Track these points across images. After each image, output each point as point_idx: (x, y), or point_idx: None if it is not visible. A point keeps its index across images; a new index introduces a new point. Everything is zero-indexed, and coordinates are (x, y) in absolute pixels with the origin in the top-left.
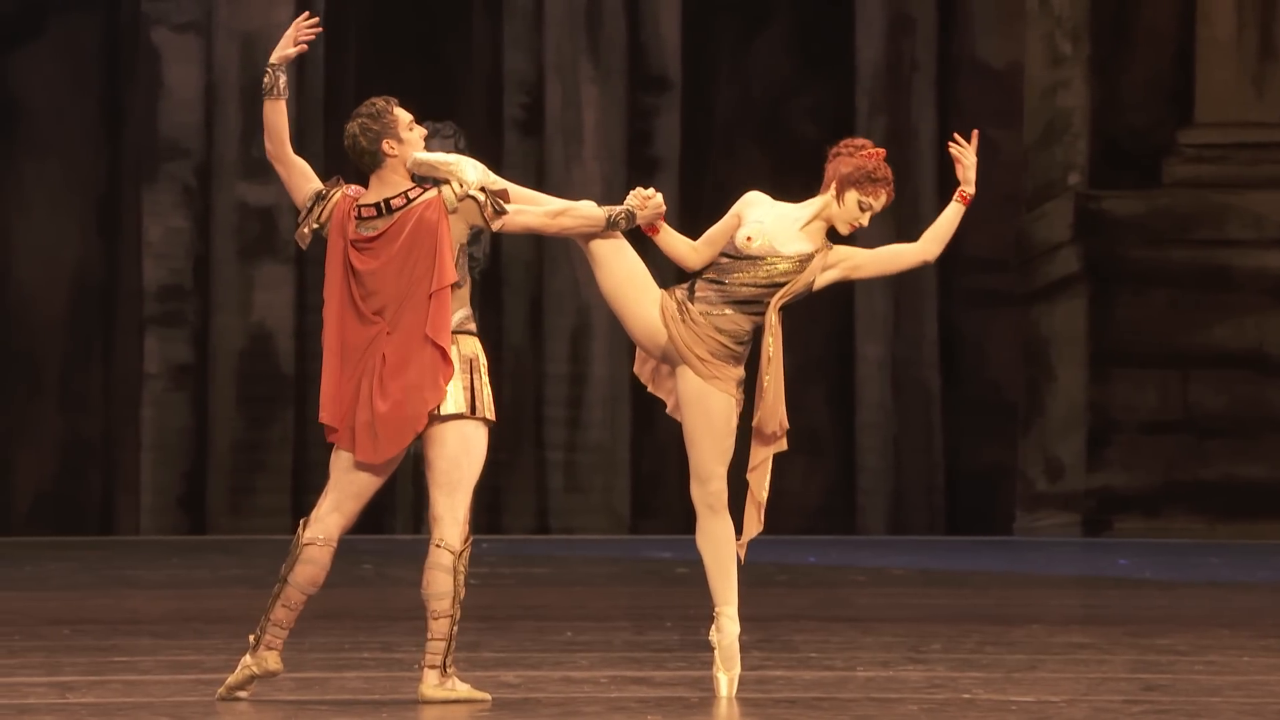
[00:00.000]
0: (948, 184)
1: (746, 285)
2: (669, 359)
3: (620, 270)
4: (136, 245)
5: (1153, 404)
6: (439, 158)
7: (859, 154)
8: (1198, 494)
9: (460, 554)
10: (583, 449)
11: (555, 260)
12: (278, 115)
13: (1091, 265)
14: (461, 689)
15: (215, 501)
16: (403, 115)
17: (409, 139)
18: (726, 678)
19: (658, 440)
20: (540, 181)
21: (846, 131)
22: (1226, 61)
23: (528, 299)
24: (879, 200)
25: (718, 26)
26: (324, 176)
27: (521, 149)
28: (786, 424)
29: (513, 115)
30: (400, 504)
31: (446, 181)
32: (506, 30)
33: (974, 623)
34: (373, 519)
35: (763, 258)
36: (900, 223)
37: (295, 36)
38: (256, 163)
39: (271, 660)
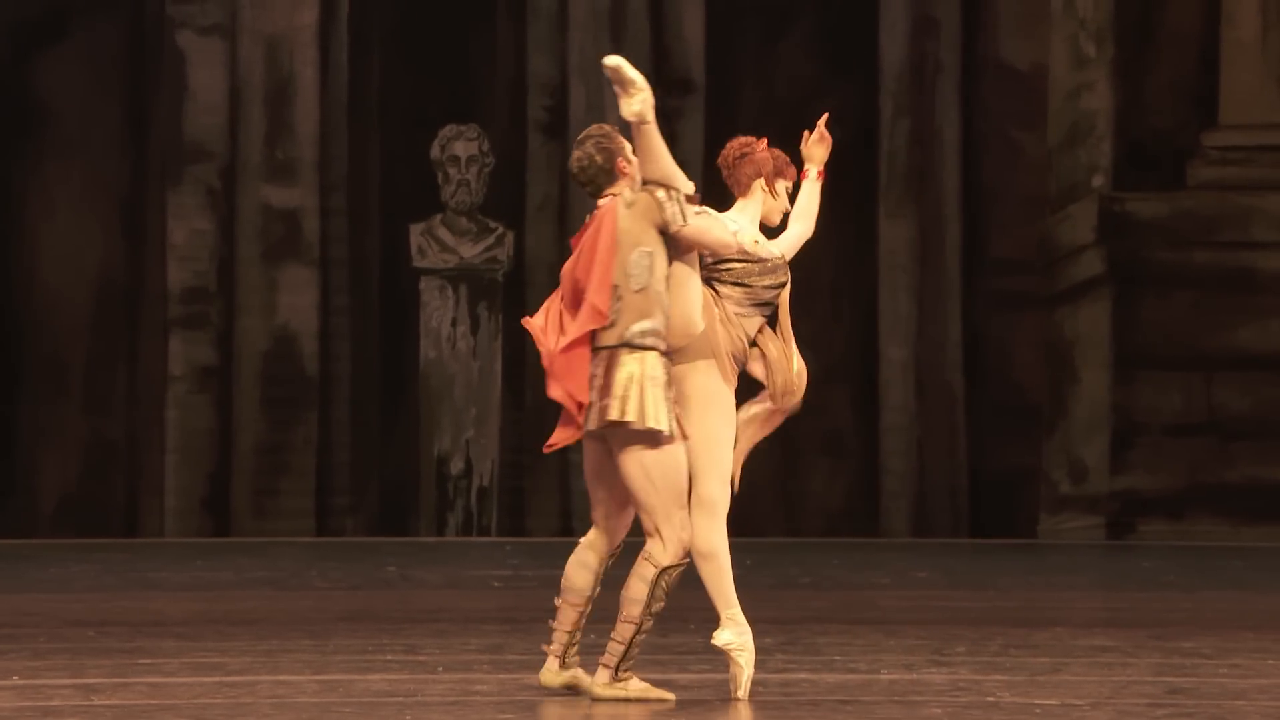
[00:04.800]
0: (972, 185)
1: (770, 288)
2: (683, 354)
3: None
4: (161, 248)
5: (1177, 406)
6: (634, 74)
7: (761, 150)
8: (1222, 496)
9: (665, 569)
10: None
11: None
12: None
13: (1115, 267)
14: (634, 688)
15: (239, 503)
16: (626, 143)
17: (636, 162)
18: (748, 671)
19: None
20: (563, 185)
21: (871, 133)
22: (1251, 63)
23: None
24: (792, 180)
25: (741, 29)
26: (344, 180)
27: (545, 151)
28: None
29: (536, 118)
30: (423, 507)
31: (619, 96)
32: (530, 33)
33: (998, 625)
34: (396, 521)
35: (768, 259)
36: (924, 224)
37: None
38: (280, 165)
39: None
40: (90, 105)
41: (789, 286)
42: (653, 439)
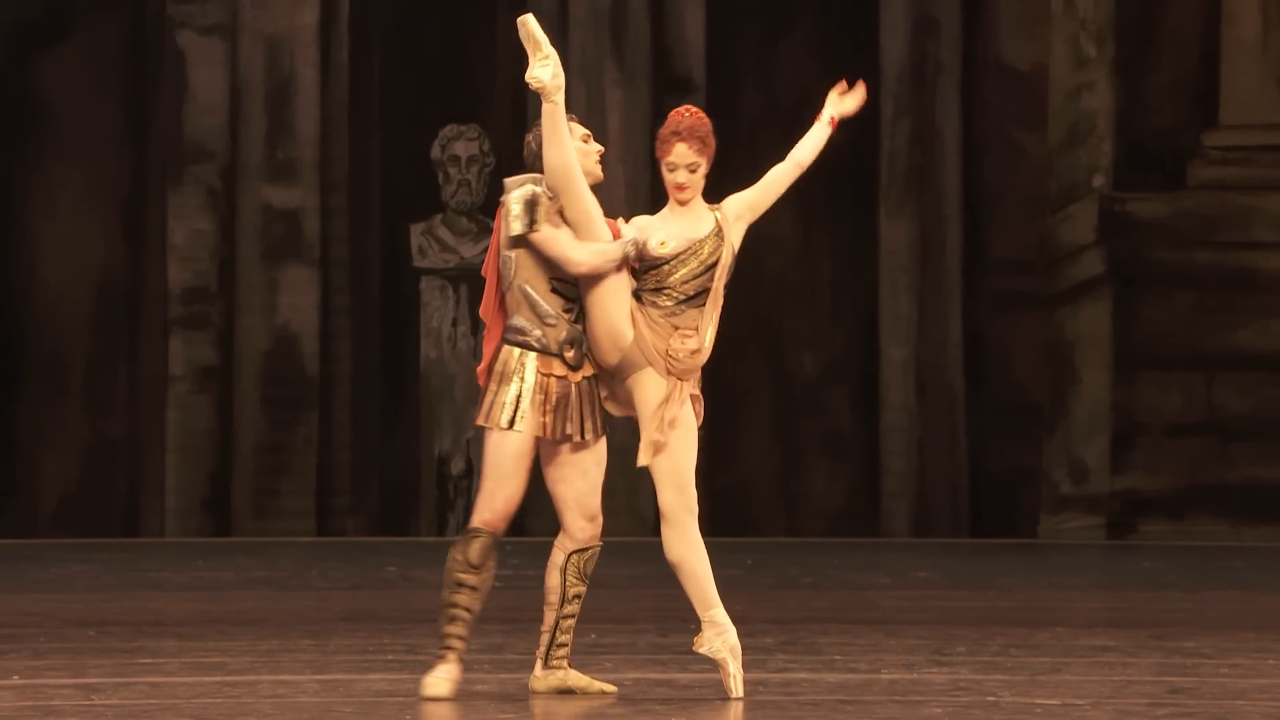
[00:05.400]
0: (972, 185)
1: (689, 280)
2: (625, 368)
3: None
4: (161, 248)
5: (1177, 406)
6: (540, 35)
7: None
8: (1222, 497)
9: (571, 554)
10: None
11: None
12: None
13: (1116, 267)
14: (573, 680)
15: (240, 503)
16: (576, 127)
17: (580, 148)
18: (734, 670)
19: None
20: None
21: (871, 133)
22: (1252, 63)
23: None
24: (674, 153)
25: (742, 29)
26: (344, 180)
27: None
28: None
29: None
30: (424, 507)
31: (531, 58)
32: None
33: (998, 625)
34: (397, 521)
35: (684, 250)
36: (924, 224)
37: None
38: (281, 165)
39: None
40: (90, 105)
41: (729, 252)
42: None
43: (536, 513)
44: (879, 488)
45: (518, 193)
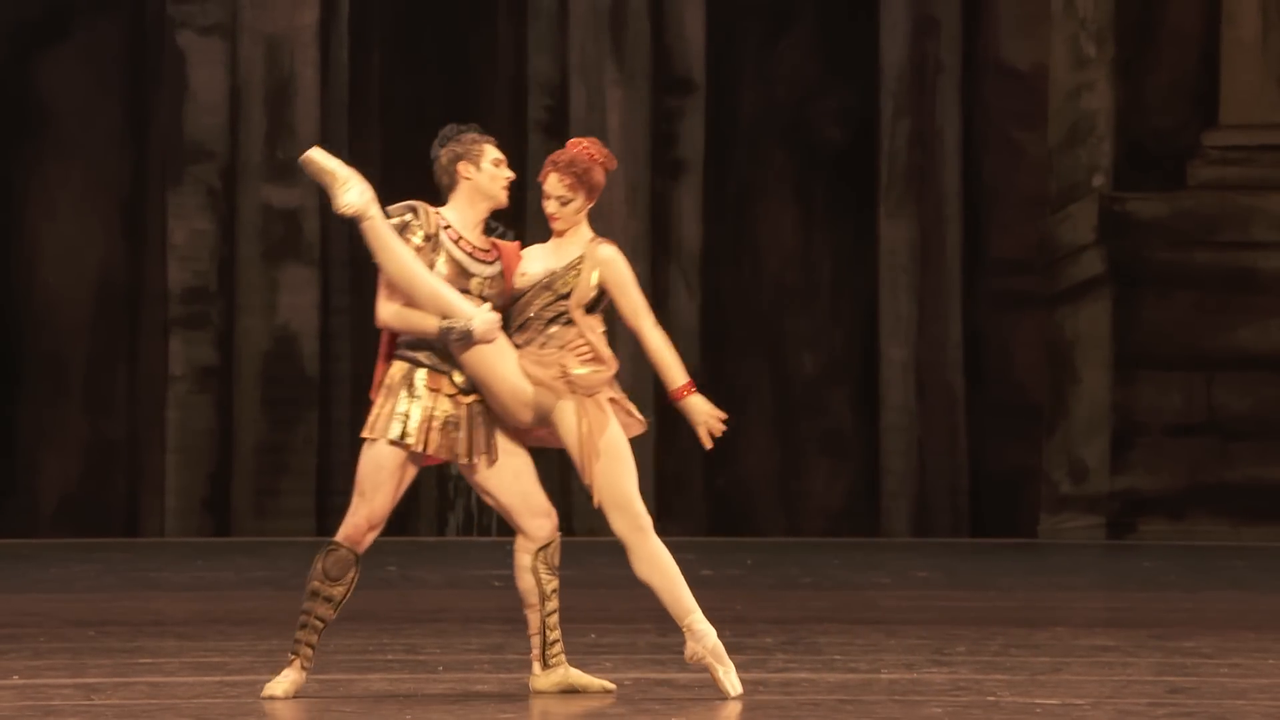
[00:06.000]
0: (972, 185)
1: (547, 306)
2: (540, 415)
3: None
4: (161, 248)
5: (1177, 406)
6: (331, 163)
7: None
8: (1222, 496)
9: (536, 553)
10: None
11: None
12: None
13: (1116, 267)
14: (574, 678)
15: (240, 503)
16: (491, 150)
17: (486, 170)
18: (732, 675)
19: (681, 443)
20: None
21: (871, 133)
22: (1252, 63)
23: None
24: (547, 182)
25: (742, 29)
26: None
27: (545, 151)
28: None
29: (536, 118)
30: (424, 507)
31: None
32: (530, 32)
33: (998, 625)
34: (397, 521)
35: (539, 280)
36: (924, 224)
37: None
38: (281, 165)
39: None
40: (91, 105)
41: (584, 289)
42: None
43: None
44: (879, 488)
45: (395, 206)
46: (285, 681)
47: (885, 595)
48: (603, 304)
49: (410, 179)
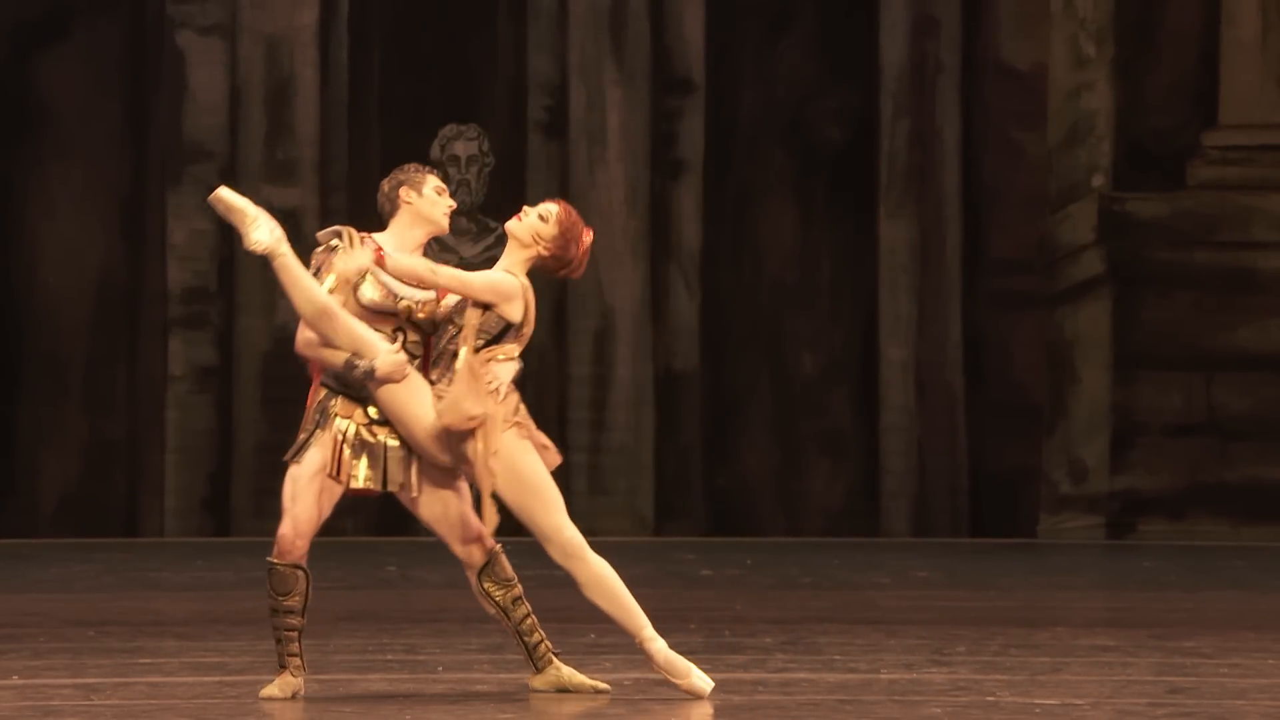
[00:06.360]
0: (972, 186)
1: (453, 338)
2: (456, 452)
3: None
4: (161, 248)
5: (1177, 406)
6: (239, 201)
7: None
8: (1222, 496)
9: (479, 576)
10: (606, 451)
11: None
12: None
13: (1115, 267)
14: (566, 677)
15: (239, 503)
16: (431, 179)
17: (428, 196)
18: (694, 678)
19: (681, 443)
20: (564, 184)
21: (871, 133)
22: (1251, 63)
23: (551, 301)
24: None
25: (741, 29)
26: (344, 180)
27: (545, 152)
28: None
29: (536, 118)
30: None
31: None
32: (530, 32)
33: (998, 625)
34: (397, 521)
35: (452, 308)
36: (924, 224)
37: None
38: (280, 165)
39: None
40: (90, 105)
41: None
42: None
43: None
44: (879, 488)
45: (322, 233)
46: (283, 685)
47: (885, 595)
48: (509, 335)
49: None
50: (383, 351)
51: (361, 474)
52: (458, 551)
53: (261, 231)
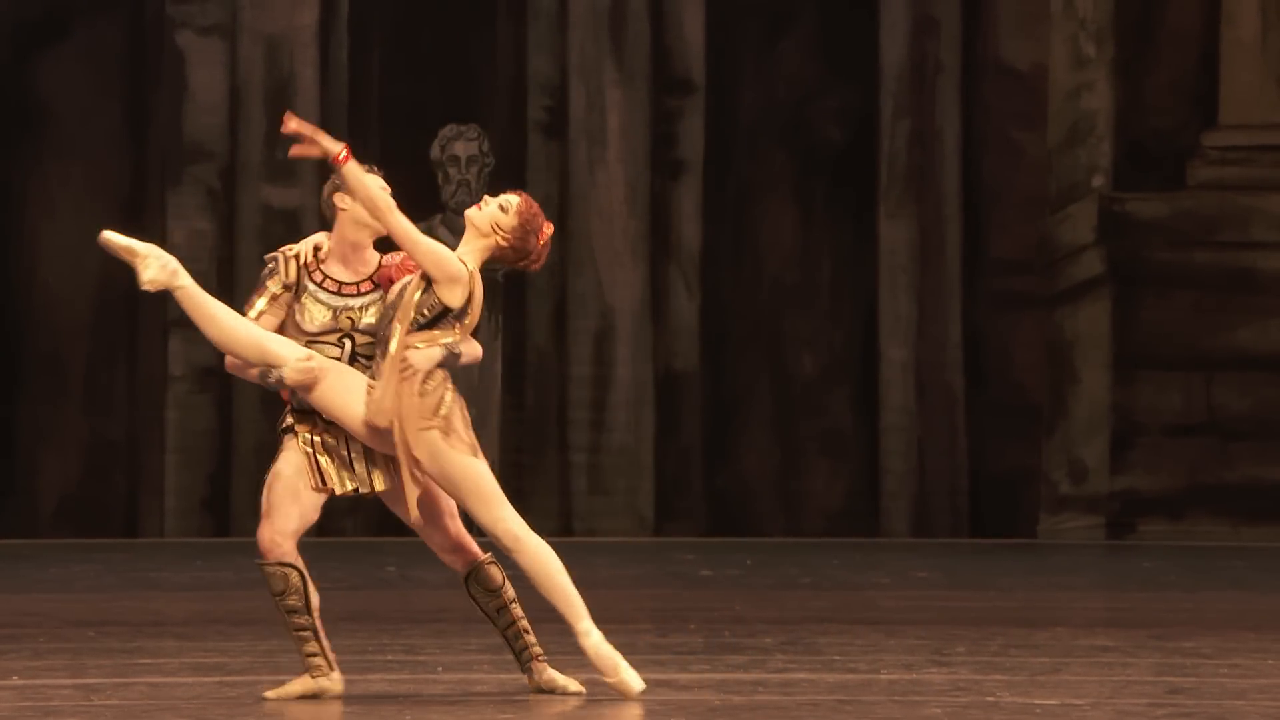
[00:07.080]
0: (972, 186)
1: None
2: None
3: (340, 379)
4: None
5: (1176, 406)
6: (125, 241)
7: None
8: (1222, 497)
9: (466, 586)
10: (606, 451)
11: (580, 263)
12: None
13: (1115, 267)
14: (545, 679)
15: (239, 503)
16: (374, 179)
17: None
18: (626, 672)
19: (681, 443)
20: (564, 185)
21: (871, 133)
22: (1251, 63)
23: (551, 301)
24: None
25: (742, 29)
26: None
27: (545, 152)
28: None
29: (536, 118)
30: None
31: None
32: (530, 33)
33: (998, 625)
34: (396, 521)
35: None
36: (924, 224)
37: None
38: (280, 165)
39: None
40: (90, 105)
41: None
42: None
43: (537, 513)
44: (878, 488)
45: (268, 256)
46: (304, 686)
47: (885, 595)
48: (444, 321)
49: (410, 179)
50: (289, 360)
51: (343, 479)
52: (441, 559)
53: (151, 270)
